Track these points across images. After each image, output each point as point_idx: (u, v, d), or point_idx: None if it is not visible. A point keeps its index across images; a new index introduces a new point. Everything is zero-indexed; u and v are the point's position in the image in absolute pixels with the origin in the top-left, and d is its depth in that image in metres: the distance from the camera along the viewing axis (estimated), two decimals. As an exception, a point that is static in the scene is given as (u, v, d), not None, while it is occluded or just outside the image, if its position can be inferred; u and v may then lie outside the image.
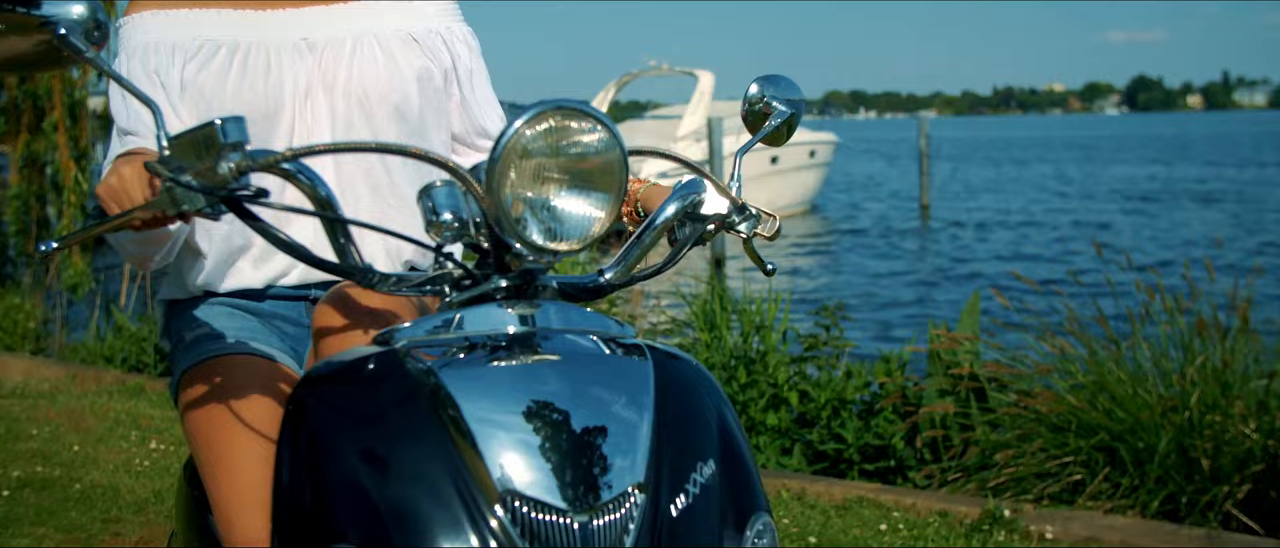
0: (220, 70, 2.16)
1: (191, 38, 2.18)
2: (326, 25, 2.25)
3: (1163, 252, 20.42)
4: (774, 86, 2.16)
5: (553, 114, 1.54)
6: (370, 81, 2.20)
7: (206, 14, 2.22)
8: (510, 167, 1.53)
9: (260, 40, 2.20)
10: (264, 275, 2.22)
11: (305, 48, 2.21)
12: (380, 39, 2.25)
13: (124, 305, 9.75)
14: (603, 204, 1.59)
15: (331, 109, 2.19)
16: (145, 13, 2.22)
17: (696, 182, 1.92)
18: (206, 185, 1.59)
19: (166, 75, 2.15)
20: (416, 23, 2.30)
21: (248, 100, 2.14)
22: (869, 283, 17.84)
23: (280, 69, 2.18)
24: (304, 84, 2.19)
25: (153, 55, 2.17)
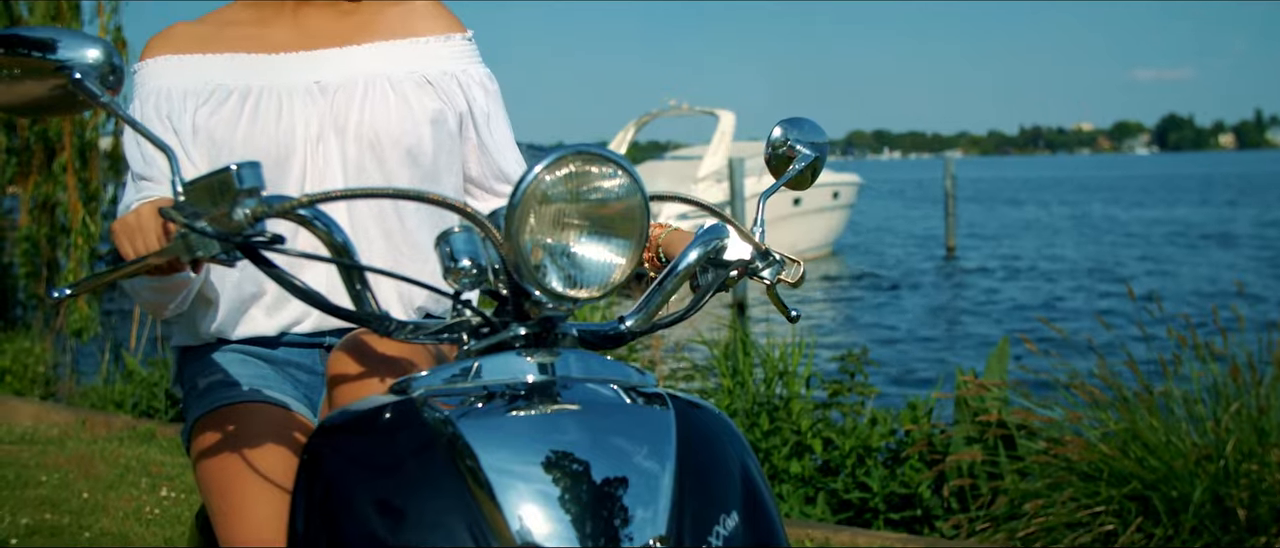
0: (231, 115, 2.17)
1: (204, 83, 2.20)
2: (339, 68, 2.26)
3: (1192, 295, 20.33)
4: (798, 129, 2.17)
5: (573, 159, 1.54)
6: (382, 125, 2.21)
7: (219, 59, 2.24)
8: (529, 212, 1.53)
9: (272, 84, 2.22)
10: (278, 323, 2.22)
11: (317, 91, 2.23)
12: (393, 82, 2.25)
13: (134, 349, 9.77)
14: (623, 251, 1.59)
15: (343, 153, 2.20)
16: (159, 58, 2.24)
17: (719, 227, 1.92)
18: (222, 231, 1.60)
19: (179, 120, 2.17)
20: (431, 65, 2.31)
21: (259, 145, 2.16)
22: (894, 327, 17.80)
23: (292, 113, 2.19)
24: (315, 128, 2.20)
25: (165, 100, 2.19)
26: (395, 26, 2.33)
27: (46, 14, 9.59)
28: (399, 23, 2.34)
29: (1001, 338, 6.59)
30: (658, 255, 2.16)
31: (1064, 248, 31.43)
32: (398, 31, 2.33)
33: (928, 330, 17.58)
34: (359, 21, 2.33)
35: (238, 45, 2.27)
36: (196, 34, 2.29)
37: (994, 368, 6.26)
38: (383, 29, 2.33)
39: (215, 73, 2.22)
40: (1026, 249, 31.38)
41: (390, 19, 2.34)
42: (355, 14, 2.35)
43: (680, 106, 28.07)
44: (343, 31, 2.31)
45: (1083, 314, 17.58)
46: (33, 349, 9.63)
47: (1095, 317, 6.97)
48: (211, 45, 2.26)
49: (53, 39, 1.71)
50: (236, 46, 2.26)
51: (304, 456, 1.65)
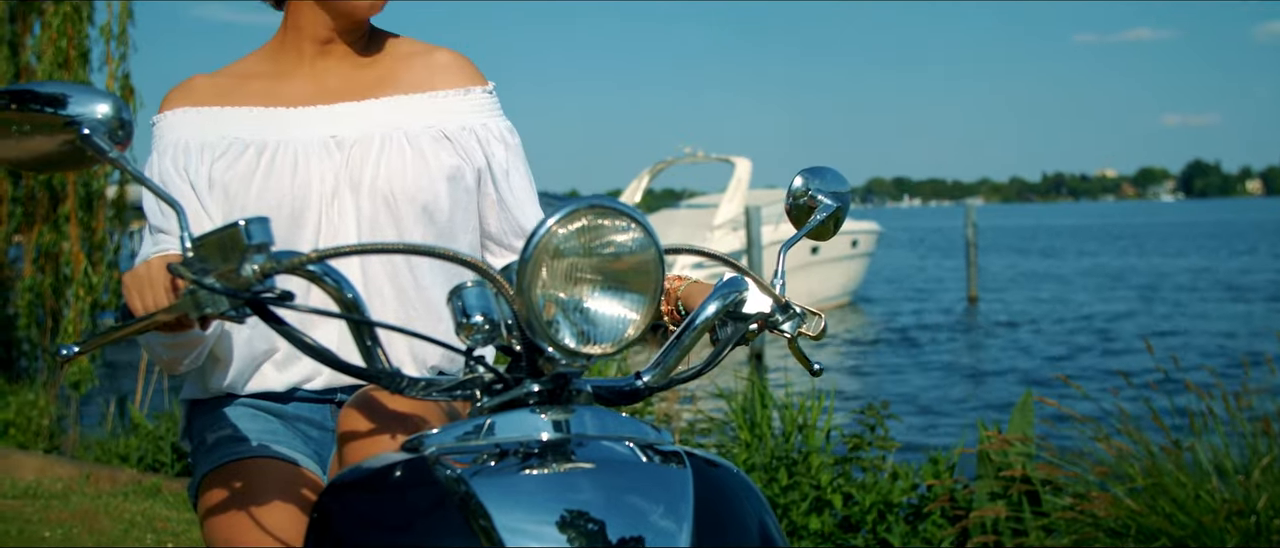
0: (247, 169, 2.19)
1: (220, 136, 2.22)
2: (355, 122, 2.27)
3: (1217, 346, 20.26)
4: (819, 179, 2.17)
5: (586, 212, 1.54)
6: (397, 181, 2.22)
7: (237, 112, 2.26)
8: (542, 267, 1.53)
9: (288, 139, 2.23)
10: (288, 379, 2.23)
11: (333, 146, 2.24)
12: (410, 137, 2.26)
13: (140, 402, 9.78)
14: (638, 306, 1.59)
15: (357, 208, 2.21)
16: (177, 110, 2.26)
17: (738, 279, 1.92)
18: (230, 288, 1.61)
19: (195, 174, 2.19)
20: (449, 119, 2.32)
21: (273, 199, 2.17)
22: (915, 379, 17.75)
23: (308, 168, 2.20)
24: (331, 183, 2.21)
25: (182, 154, 2.21)
26: (415, 80, 2.35)
27: (54, 61, 9.66)
28: (419, 76, 2.35)
29: (1025, 391, 6.56)
30: (676, 308, 2.16)
31: (1087, 297, 31.33)
32: (417, 85, 2.34)
33: (949, 382, 17.52)
34: (378, 74, 2.35)
35: (255, 99, 2.28)
36: (215, 86, 2.30)
37: (1017, 422, 6.23)
38: (402, 82, 2.34)
39: (232, 126, 2.24)
40: (1049, 299, 31.29)
41: (410, 72, 2.36)
42: (374, 66, 2.36)
43: (696, 154, 28.13)
44: (361, 85, 2.32)
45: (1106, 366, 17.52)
46: (37, 402, 9.64)
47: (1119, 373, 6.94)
48: (229, 98, 2.28)
49: (63, 94, 1.73)
50: (254, 100, 2.28)
51: (314, 514, 1.65)
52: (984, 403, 15.01)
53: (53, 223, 10.18)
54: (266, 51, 2.37)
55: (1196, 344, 20.53)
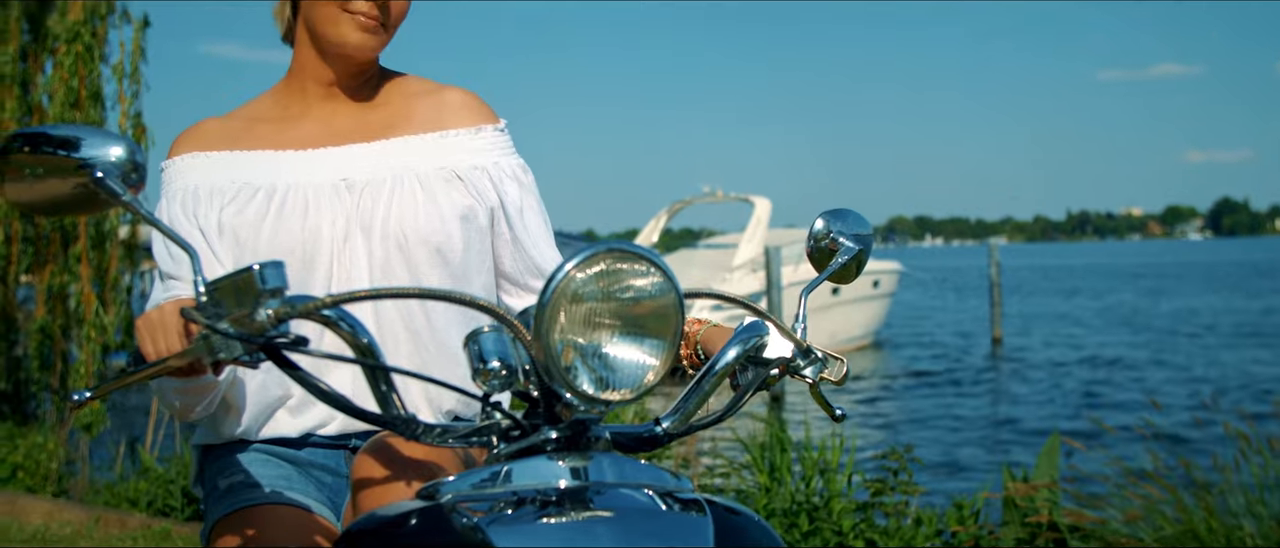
0: (257, 214, 2.19)
1: (230, 181, 2.23)
2: (366, 165, 2.28)
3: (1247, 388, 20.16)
4: (841, 221, 2.17)
5: (605, 256, 1.54)
6: (409, 223, 2.22)
7: (246, 156, 2.27)
8: (560, 311, 1.53)
9: (298, 182, 2.24)
10: (302, 425, 2.23)
11: (344, 188, 2.24)
12: (421, 178, 2.27)
13: (150, 446, 9.79)
14: (657, 351, 1.59)
15: (370, 251, 2.21)
16: (185, 156, 2.28)
17: (758, 324, 1.92)
18: (244, 333, 1.61)
19: (205, 220, 2.20)
20: (461, 159, 2.32)
21: (284, 244, 2.18)
22: (938, 422, 17.69)
23: (318, 211, 2.21)
24: (342, 226, 2.21)
25: (191, 200, 2.22)
26: (425, 120, 2.35)
27: (66, 100, 9.71)
28: (429, 116, 2.36)
29: (1051, 434, 6.54)
30: (696, 352, 2.15)
31: (1113, 339, 31.22)
32: (427, 125, 2.34)
33: (974, 425, 17.46)
34: (387, 115, 2.35)
35: (264, 142, 2.29)
36: (224, 130, 2.31)
37: (1043, 466, 6.21)
38: (412, 123, 2.35)
39: (241, 171, 2.25)
40: (1075, 340, 31.18)
41: (420, 112, 2.36)
42: (384, 107, 2.37)
43: (714, 193, 28.15)
44: (371, 126, 2.33)
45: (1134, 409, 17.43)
46: (46, 445, 9.66)
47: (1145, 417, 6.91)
48: (239, 142, 2.29)
49: (76, 137, 1.74)
50: (263, 143, 2.29)
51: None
52: (1009, 447, 14.96)
53: (63, 263, 10.21)
54: (275, 94, 2.38)
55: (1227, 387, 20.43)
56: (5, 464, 9.43)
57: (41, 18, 10.45)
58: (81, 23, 9.70)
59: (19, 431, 10.01)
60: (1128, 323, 36.82)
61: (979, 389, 22.12)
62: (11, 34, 10.12)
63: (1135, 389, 20.80)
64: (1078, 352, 28.04)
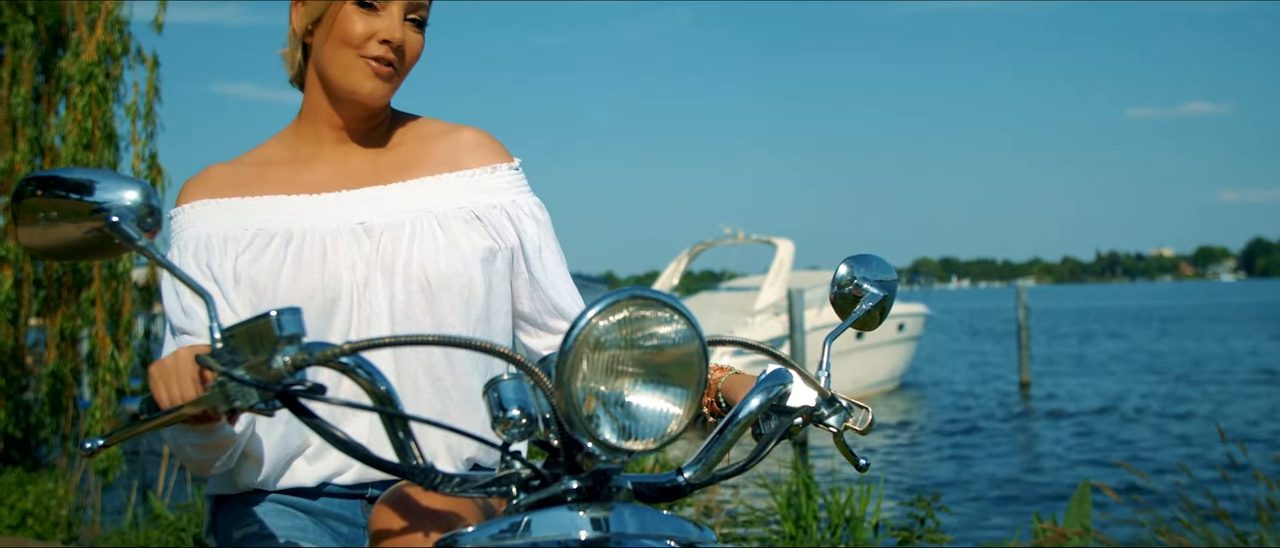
0: (274, 260, 2.19)
1: (244, 228, 2.23)
2: (384, 207, 2.28)
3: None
4: (865, 267, 2.17)
5: (628, 304, 1.54)
6: (431, 266, 2.22)
7: (259, 202, 2.27)
8: (582, 359, 1.53)
9: (315, 227, 2.24)
10: (318, 473, 2.23)
11: (362, 232, 2.24)
12: (440, 219, 2.27)
13: (162, 492, 9.79)
14: (680, 400, 1.59)
15: (391, 296, 2.21)
16: (196, 203, 2.27)
17: (782, 372, 1.92)
18: (260, 380, 1.61)
19: (220, 268, 2.19)
20: (479, 199, 2.33)
21: (304, 290, 2.18)
22: (966, 468, 17.60)
23: (337, 255, 2.21)
24: (362, 270, 2.21)
25: (205, 249, 2.21)
26: (440, 160, 2.36)
27: (79, 142, 9.76)
28: (444, 157, 2.37)
29: (1081, 482, 6.51)
30: (717, 400, 2.15)
31: (1145, 384, 31.08)
32: (442, 166, 2.35)
33: (1002, 472, 17.37)
34: (402, 157, 2.36)
35: (277, 187, 2.29)
36: (234, 176, 2.32)
37: (1074, 514, 6.18)
38: (427, 164, 2.35)
39: (255, 217, 2.25)
40: (1105, 385, 31.04)
41: (434, 153, 2.37)
42: (398, 149, 2.37)
43: (736, 235, 28.13)
44: (385, 168, 2.34)
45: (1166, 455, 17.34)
46: (56, 491, 9.67)
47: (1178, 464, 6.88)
48: (250, 188, 2.29)
49: (90, 181, 1.75)
50: (276, 188, 2.29)
51: (344, 615, 1.64)
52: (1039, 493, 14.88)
53: (75, 307, 10.24)
54: (285, 137, 2.39)
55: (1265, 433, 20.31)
56: (15, 511, 9.44)
57: (54, 58, 10.53)
58: (95, 63, 9.76)
59: (29, 476, 10.03)
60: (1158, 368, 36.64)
61: (1007, 435, 22.02)
62: (24, 75, 10.19)
63: (1168, 436, 20.70)
64: (1108, 397, 27.90)
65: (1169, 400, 26.56)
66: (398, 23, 2.26)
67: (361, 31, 2.24)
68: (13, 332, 10.48)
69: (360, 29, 2.24)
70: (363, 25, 2.24)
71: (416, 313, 2.21)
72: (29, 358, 11.24)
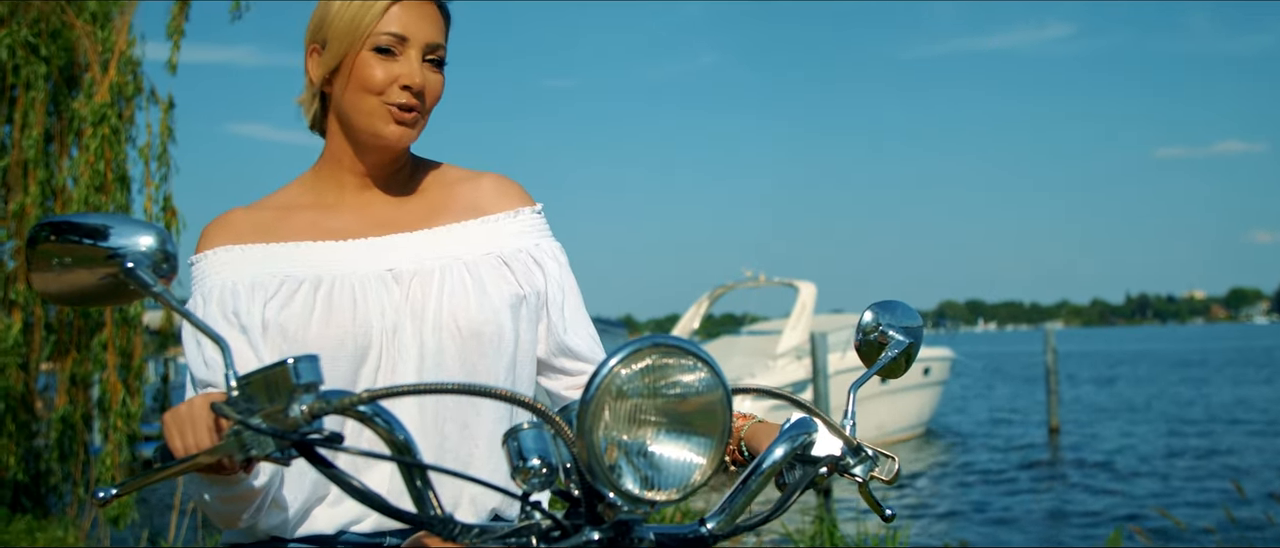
0: (303, 307, 2.20)
1: (270, 275, 2.23)
2: (411, 254, 2.29)
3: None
4: (890, 314, 2.18)
5: (651, 351, 1.54)
6: (461, 313, 2.23)
7: (284, 248, 2.27)
8: (604, 408, 1.53)
9: (344, 273, 2.24)
10: (336, 520, 2.22)
11: (391, 279, 2.25)
12: (469, 266, 2.28)
13: (173, 538, 9.80)
14: (704, 449, 1.58)
15: (421, 343, 2.22)
16: (218, 250, 2.28)
17: (806, 420, 1.92)
18: (277, 428, 1.61)
19: (248, 316, 2.19)
20: (505, 243, 2.34)
21: (334, 337, 2.18)
22: (994, 516, 17.53)
23: (366, 302, 2.22)
24: (392, 317, 2.22)
25: (231, 297, 2.21)
26: (464, 206, 2.38)
27: (91, 184, 9.81)
28: (468, 203, 2.38)
29: (1113, 529, 6.49)
30: (740, 449, 2.15)
31: (1177, 429, 30.93)
32: (467, 212, 2.37)
33: (1032, 519, 17.29)
34: (427, 204, 2.38)
35: (302, 232, 2.30)
36: (256, 222, 2.32)
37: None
38: (452, 210, 2.37)
39: (282, 263, 2.25)
40: (1137, 429, 30.91)
41: (458, 199, 2.39)
42: (422, 196, 2.39)
43: (757, 278, 28.12)
44: (411, 215, 2.35)
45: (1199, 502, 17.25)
46: (66, 538, 9.69)
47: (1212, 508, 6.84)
48: (274, 234, 2.30)
49: (105, 226, 1.76)
50: (301, 235, 2.30)
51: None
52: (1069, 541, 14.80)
53: (87, 351, 10.27)
54: (306, 182, 2.40)
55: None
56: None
57: (67, 99, 10.59)
58: (108, 105, 9.83)
59: (38, 523, 10.05)
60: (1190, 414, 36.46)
61: (1036, 481, 21.93)
62: (36, 116, 10.25)
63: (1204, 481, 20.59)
64: (1139, 441, 27.78)
65: (1203, 447, 26.42)
66: (417, 67, 2.27)
67: (382, 78, 2.26)
68: (23, 376, 10.51)
69: (380, 75, 2.26)
70: (382, 72, 2.26)
71: (446, 360, 2.22)
72: (39, 403, 11.27)
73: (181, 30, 10.18)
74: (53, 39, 10.31)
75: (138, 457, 10.41)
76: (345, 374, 2.16)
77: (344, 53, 2.27)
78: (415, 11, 2.29)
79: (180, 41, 10.18)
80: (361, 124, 2.28)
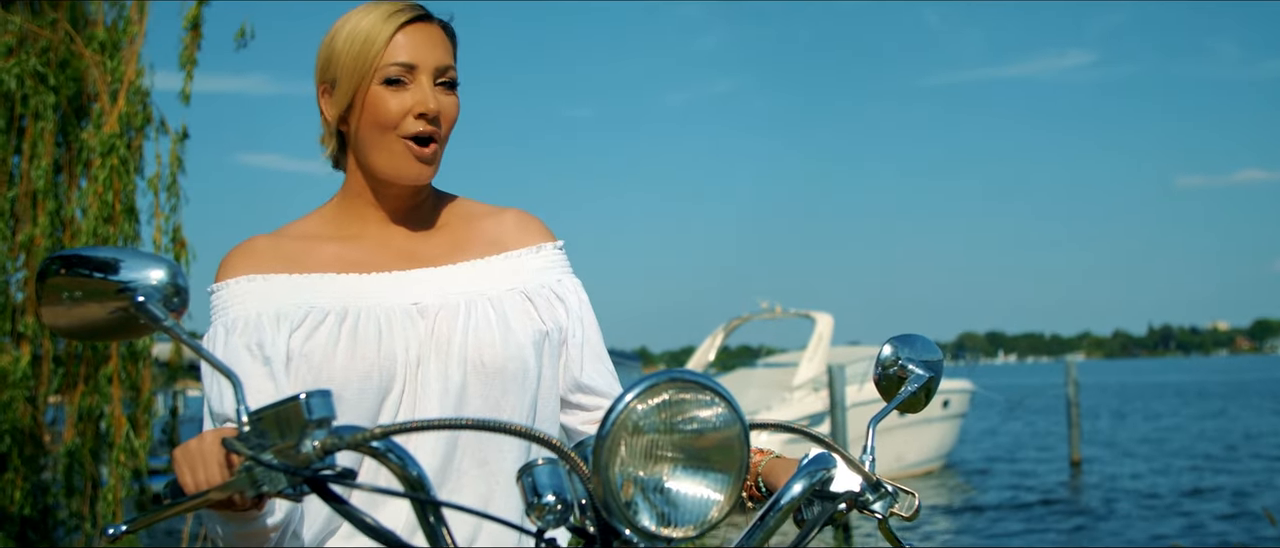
0: (328, 339, 2.20)
1: (295, 305, 2.23)
2: (436, 288, 2.30)
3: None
4: (909, 347, 2.18)
5: (667, 386, 1.54)
6: (487, 349, 2.24)
7: (309, 279, 2.27)
8: (620, 444, 1.53)
9: (369, 306, 2.25)
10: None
11: (416, 313, 2.26)
12: (494, 302, 2.29)
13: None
14: (721, 485, 1.58)
15: (445, 377, 2.22)
16: (241, 279, 2.28)
17: (825, 456, 1.92)
18: (288, 464, 1.62)
19: (271, 348, 2.19)
20: (529, 279, 2.36)
21: (360, 369, 2.18)
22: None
23: (391, 336, 2.22)
24: (416, 351, 2.22)
25: (254, 330, 2.21)
26: (487, 242, 2.39)
27: (99, 215, 9.83)
28: (491, 238, 2.40)
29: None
30: (757, 484, 2.15)
31: (1201, 463, 30.80)
32: (491, 247, 2.38)
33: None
34: (451, 239, 2.38)
35: (326, 264, 2.30)
36: (280, 251, 2.32)
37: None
38: (475, 245, 2.38)
39: (306, 294, 2.25)
40: (1160, 463, 30.80)
41: (482, 234, 2.40)
42: (446, 230, 2.39)
43: (773, 309, 28.09)
44: (434, 249, 2.36)
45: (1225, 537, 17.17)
46: (72, 577, 9.67)
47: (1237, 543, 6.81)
48: (299, 264, 2.30)
49: (115, 260, 1.76)
50: (326, 266, 2.30)
51: None
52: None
53: (94, 384, 10.26)
54: (328, 213, 2.40)
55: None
56: (30, 596, 9.45)
57: (76, 130, 10.62)
58: (117, 135, 9.85)
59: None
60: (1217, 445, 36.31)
61: (1058, 516, 21.85)
62: (45, 147, 10.27)
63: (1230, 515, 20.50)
64: (1163, 475, 27.68)
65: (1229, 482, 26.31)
66: (429, 92, 2.28)
67: (396, 110, 2.26)
68: (30, 410, 10.51)
69: (394, 107, 2.26)
70: (396, 103, 2.26)
71: (470, 396, 2.22)
72: (47, 437, 11.27)
73: (194, 59, 10.21)
74: (61, 69, 10.33)
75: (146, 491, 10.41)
76: (369, 408, 2.16)
77: (354, 89, 2.28)
78: (419, 37, 2.30)
79: (193, 71, 10.21)
80: (381, 163, 2.29)
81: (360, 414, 2.16)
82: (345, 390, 2.15)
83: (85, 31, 10.54)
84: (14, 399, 10.11)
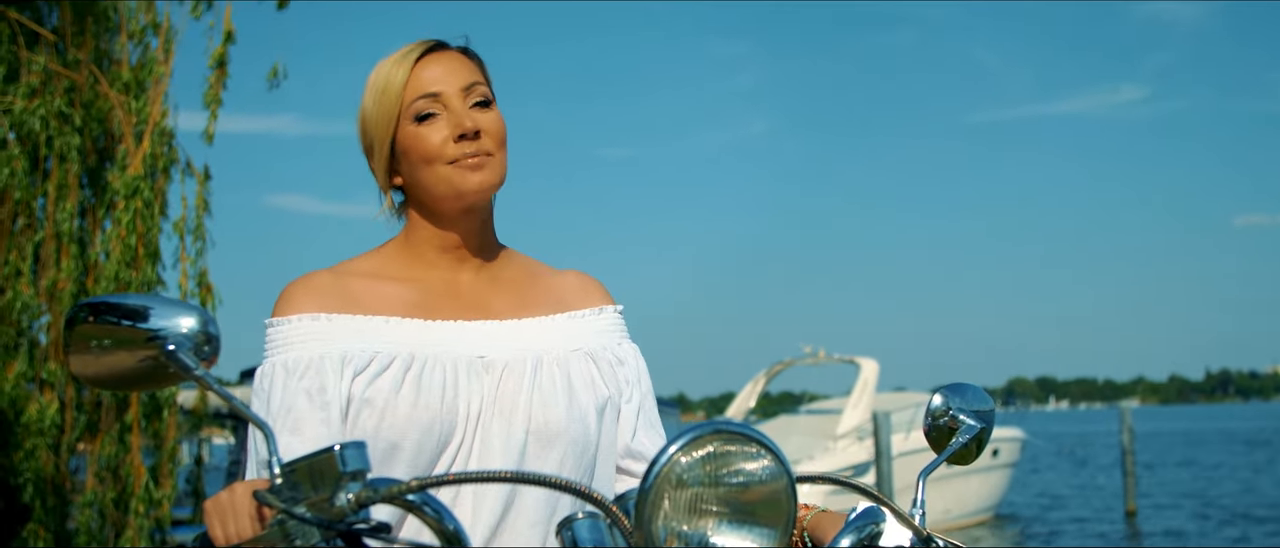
0: (392, 384, 2.19)
1: (360, 349, 2.22)
2: (502, 343, 2.30)
3: None
4: (960, 397, 2.17)
5: (712, 438, 1.54)
6: (552, 411, 2.24)
7: (373, 322, 2.26)
8: (663, 497, 1.53)
9: (436, 355, 2.24)
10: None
11: (481, 367, 2.26)
12: (560, 363, 2.30)
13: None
14: (767, 540, 1.58)
15: (508, 435, 2.21)
16: (304, 317, 2.26)
17: (873, 510, 1.91)
18: (322, 518, 1.62)
19: (333, 391, 2.18)
20: (590, 341, 2.37)
21: (423, 419, 2.17)
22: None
23: (456, 387, 2.21)
24: (478, 406, 2.22)
25: (315, 373, 2.20)
26: (551, 300, 2.41)
27: (123, 259, 9.87)
28: (553, 297, 2.41)
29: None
30: (803, 539, 2.14)
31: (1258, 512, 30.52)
32: (554, 306, 2.40)
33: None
34: (515, 293, 2.39)
35: (392, 307, 2.30)
36: (342, 289, 2.31)
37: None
38: (540, 302, 2.39)
39: (370, 338, 2.24)
40: (1217, 512, 30.53)
41: (546, 293, 2.42)
42: (511, 285, 2.40)
43: (816, 354, 28.03)
44: (500, 303, 2.36)
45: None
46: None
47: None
48: (362, 305, 2.29)
49: (145, 307, 1.77)
50: (391, 309, 2.29)
51: None
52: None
53: (117, 432, 10.28)
54: (391, 254, 2.39)
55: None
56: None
57: (102, 172, 10.69)
58: (141, 177, 9.90)
59: (67, 614, 10.05)
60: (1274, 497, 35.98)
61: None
62: (70, 190, 10.34)
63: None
64: (1220, 525, 27.43)
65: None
66: (463, 113, 2.28)
67: (436, 141, 2.27)
68: (54, 458, 10.55)
69: (435, 139, 2.27)
70: (434, 135, 2.28)
71: (530, 457, 2.22)
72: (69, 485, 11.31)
73: (219, 99, 10.28)
74: (86, 110, 10.42)
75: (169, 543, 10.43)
76: (427, 459, 2.16)
77: (390, 138, 2.30)
78: (438, 66, 2.32)
79: (217, 111, 10.27)
80: (440, 191, 2.29)
81: (417, 465, 2.15)
82: (404, 440, 2.15)
83: (110, 72, 10.63)
84: (37, 447, 10.15)
